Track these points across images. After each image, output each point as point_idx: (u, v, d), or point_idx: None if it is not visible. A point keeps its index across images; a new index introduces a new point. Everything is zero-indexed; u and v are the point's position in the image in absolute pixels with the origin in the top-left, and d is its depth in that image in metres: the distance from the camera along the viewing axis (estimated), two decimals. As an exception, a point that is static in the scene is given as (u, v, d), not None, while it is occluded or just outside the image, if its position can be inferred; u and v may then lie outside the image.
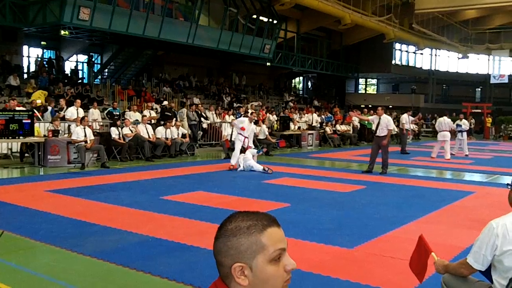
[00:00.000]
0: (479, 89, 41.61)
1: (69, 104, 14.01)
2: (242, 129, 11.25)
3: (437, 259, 2.80)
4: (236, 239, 1.11)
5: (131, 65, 23.55)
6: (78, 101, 13.59)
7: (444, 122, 14.75)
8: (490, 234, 2.49)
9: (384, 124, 10.77)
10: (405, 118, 17.37)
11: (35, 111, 12.57)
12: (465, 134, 16.12)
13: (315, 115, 21.35)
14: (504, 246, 2.44)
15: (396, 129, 18.40)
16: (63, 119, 12.77)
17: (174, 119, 15.03)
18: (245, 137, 11.27)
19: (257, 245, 1.10)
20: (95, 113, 14.44)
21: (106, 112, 15.19)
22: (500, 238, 2.45)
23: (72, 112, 12.82)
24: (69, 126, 12.38)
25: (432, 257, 2.80)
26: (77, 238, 4.96)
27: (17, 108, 11.91)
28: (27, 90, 16.58)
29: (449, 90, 42.09)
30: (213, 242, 1.16)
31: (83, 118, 11.63)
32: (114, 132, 12.55)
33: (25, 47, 21.26)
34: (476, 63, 39.55)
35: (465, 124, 16.31)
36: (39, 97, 14.80)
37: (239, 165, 10.93)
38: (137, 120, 14.07)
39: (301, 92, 37.80)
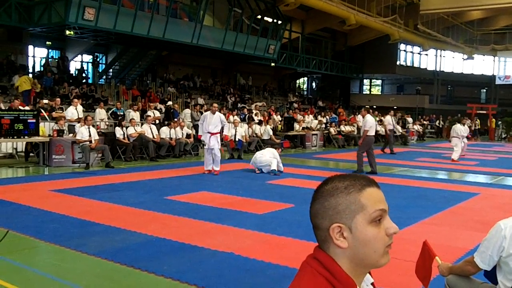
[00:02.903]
0: (484, 90, 41.41)
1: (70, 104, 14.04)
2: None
3: (441, 262, 2.79)
4: (334, 199, 1.07)
5: (136, 65, 23.60)
6: (76, 100, 13.49)
7: (457, 128, 14.84)
8: (497, 235, 2.47)
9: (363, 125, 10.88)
10: (388, 119, 17.73)
11: (41, 110, 12.62)
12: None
13: (312, 116, 21.34)
14: (511, 248, 2.43)
15: (381, 130, 18.58)
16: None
17: (176, 118, 15.06)
18: (211, 133, 10.53)
19: (356, 204, 1.06)
20: (101, 113, 14.48)
21: (110, 112, 15.27)
22: (507, 240, 2.43)
23: (72, 112, 12.79)
24: (73, 125, 12.36)
25: (436, 261, 2.79)
26: (82, 237, 4.98)
27: (21, 108, 11.98)
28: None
29: (454, 91, 41.91)
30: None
31: (86, 117, 11.64)
32: (119, 132, 12.58)
33: (30, 47, 21.36)
34: (481, 64, 39.38)
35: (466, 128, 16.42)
36: (24, 82, 14.70)
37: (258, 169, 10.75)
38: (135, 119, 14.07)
39: (305, 92, 37.78)
